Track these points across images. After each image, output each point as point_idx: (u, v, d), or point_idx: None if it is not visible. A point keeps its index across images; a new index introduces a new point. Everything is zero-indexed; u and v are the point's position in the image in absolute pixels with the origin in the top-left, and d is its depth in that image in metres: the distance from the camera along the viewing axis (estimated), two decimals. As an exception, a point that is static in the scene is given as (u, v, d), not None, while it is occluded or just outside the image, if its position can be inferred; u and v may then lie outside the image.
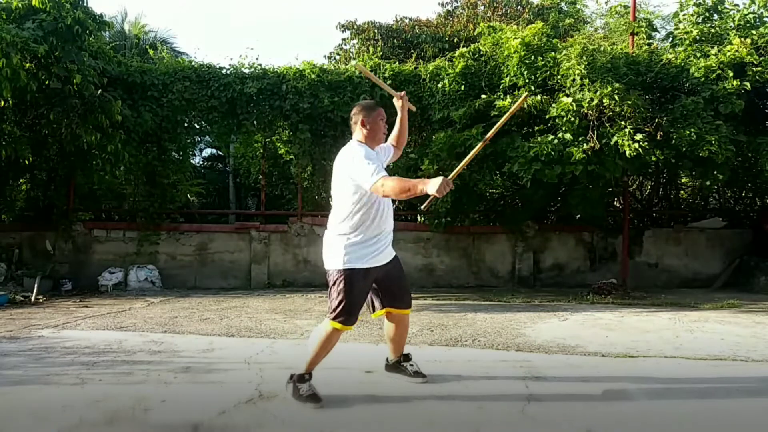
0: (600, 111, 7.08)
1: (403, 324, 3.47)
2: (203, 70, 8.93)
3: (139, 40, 17.00)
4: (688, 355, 4.24)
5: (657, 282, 9.27)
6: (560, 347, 4.50)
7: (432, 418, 2.89)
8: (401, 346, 3.55)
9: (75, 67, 7.36)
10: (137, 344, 4.53)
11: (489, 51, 8.28)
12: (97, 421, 2.77)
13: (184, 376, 3.56)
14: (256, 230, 9.21)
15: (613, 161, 7.11)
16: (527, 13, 13.44)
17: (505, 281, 9.29)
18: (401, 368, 3.52)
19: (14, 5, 7.27)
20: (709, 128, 6.91)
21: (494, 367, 3.86)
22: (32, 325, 5.42)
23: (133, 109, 8.40)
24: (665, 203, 10.94)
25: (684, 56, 7.58)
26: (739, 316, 6.21)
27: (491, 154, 7.58)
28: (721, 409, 3.06)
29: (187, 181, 10.33)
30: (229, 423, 2.77)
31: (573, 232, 9.55)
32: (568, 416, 2.91)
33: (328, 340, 3.14)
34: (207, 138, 13.29)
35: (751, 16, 8.00)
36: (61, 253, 8.83)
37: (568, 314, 6.26)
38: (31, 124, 8.26)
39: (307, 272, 9.17)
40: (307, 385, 3.09)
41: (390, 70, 8.71)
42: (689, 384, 3.55)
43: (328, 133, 8.99)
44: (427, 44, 12.31)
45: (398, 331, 3.47)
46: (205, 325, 5.46)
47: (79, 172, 8.74)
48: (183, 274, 9.07)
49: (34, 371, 3.67)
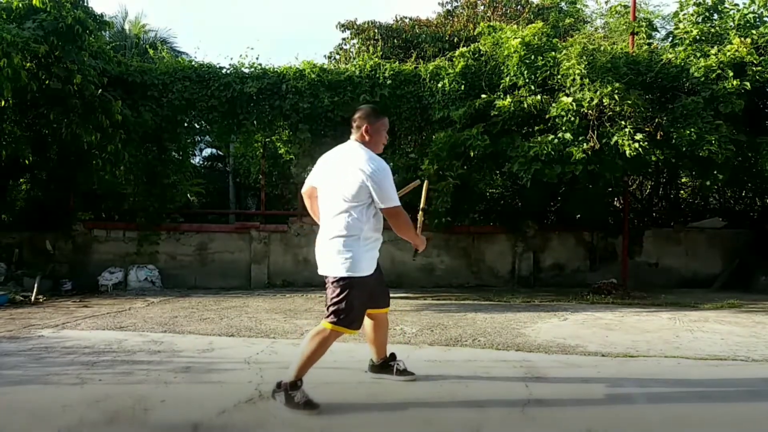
0: (600, 111, 7.08)
1: (385, 323, 3.46)
2: (203, 69, 8.93)
3: (139, 39, 17.01)
4: (688, 355, 4.24)
5: (657, 282, 9.26)
6: (560, 347, 4.50)
7: (432, 417, 2.89)
8: (385, 346, 3.52)
9: (75, 67, 7.36)
10: (137, 344, 4.53)
11: (489, 51, 8.28)
12: (97, 421, 2.77)
13: (184, 376, 3.56)
14: (256, 230, 9.21)
15: (613, 161, 7.11)
16: (527, 12, 13.44)
17: (505, 281, 9.29)
18: (388, 368, 3.49)
19: (15, 5, 7.26)
20: (709, 128, 6.91)
21: (494, 367, 3.85)
22: (32, 324, 5.42)
23: (133, 109, 8.39)
24: (665, 203, 10.94)
25: (684, 56, 7.58)
26: (739, 316, 6.21)
27: (491, 153, 7.58)
28: (721, 409, 3.06)
29: (187, 181, 10.31)
30: (229, 423, 2.77)
31: (573, 232, 9.54)
32: (568, 416, 2.91)
33: (324, 344, 3.05)
34: (207, 138, 13.29)
35: (751, 16, 8.00)
36: (61, 253, 8.83)
37: (568, 314, 6.26)
38: (32, 124, 8.26)
39: (307, 272, 9.17)
40: (300, 392, 2.97)
41: (390, 70, 8.70)
42: (689, 384, 3.54)
43: (328, 133, 8.99)
44: (427, 44, 12.31)
45: (381, 330, 3.45)
46: (205, 324, 5.46)
47: (79, 172, 8.72)
48: (183, 274, 9.07)
49: (34, 371, 3.67)
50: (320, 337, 3.03)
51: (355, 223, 3.05)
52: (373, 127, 3.22)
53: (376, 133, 3.24)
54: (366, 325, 3.38)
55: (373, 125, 3.22)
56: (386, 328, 3.51)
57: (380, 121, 3.26)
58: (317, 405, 2.94)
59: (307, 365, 3.04)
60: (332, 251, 3.08)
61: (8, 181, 9.03)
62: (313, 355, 3.03)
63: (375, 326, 3.43)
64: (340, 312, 3.02)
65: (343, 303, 3.02)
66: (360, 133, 3.24)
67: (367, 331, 3.45)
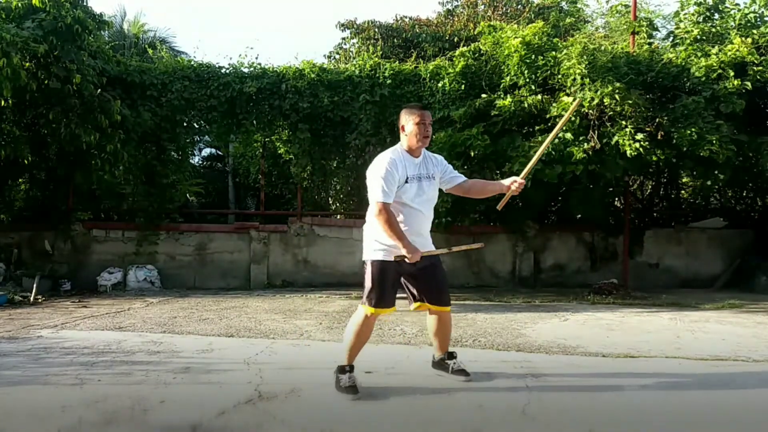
0: (601, 110, 7.06)
1: (442, 321, 3.52)
2: (202, 69, 8.92)
3: (138, 39, 17.00)
4: (689, 355, 4.23)
5: (658, 282, 9.25)
6: (561, 347, 4.49)
7: (432, 417, 2.87)
8: (444, 344, 3.58)
9: (74, 67, 7.35)
10: (136, 344, 4.51)
11: (489, 50, 8.26)
12: (96, 422, 2.76)
13: (183, 377, 3.54)
14: (256, 230, 9.19)
15: (613, 161, 7.09)
16: (528, 12, 13.43)
17: (505, 281, 9.27)
18: (445, 366, 3.55)
19: (14, 5, 7.26)
20: (710, 128, 6.89)
21: (495, 367, 3.84)
22: (31, 325, 5.40)
23: (132, 109, 8.38)
24: (666, 203, 10.92)
25: (685, 56, 7.56)
26: (740, 316, 6.20)
27: (492, 153, 7.57)
28: (722, 410, 3.05)
29: (186, 181, 10.31)
30: (229, 424, 2.75)
31: (573, 232, 9.53)
32: (568, 416, 2.90)
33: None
34: (206, 137, 13.27)
35: (752, 16, 7.98)
36: (60, 253, 8.82)
37: (568, 314, 6.25)
38: (31, 124, 8.25)
39: (306, 272, 9.16)
40: (347, 376, 3.22)
41: (390, 70, 8.69)
42: (690, 384, 3.53)
43: (328, 133, 8.98)
44: (428, 43, 12.30)
45: (437, 327, 3.53)
46: (205, 325, 5.45)
47: (78, 172, 8.72)
48: (182, 274, 9.05)
49: (33, 371, 3.65)
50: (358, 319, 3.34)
51: (369, 216, 3.36)
52: (406, 123, 3.35)
53: (408, 128, 3.34)
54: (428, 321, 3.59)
55: (406, 122, 3.35)
56: (445, 327, 3.55)
57: (413, 115, 3.34)
58: (357, 391, 3.15)
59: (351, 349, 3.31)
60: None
61: (7, 181, 9.01)
62: (354, 337, 3.31)
63: (434, 323, 3.54)
64: (364, 292, 3.33)
65: (366, 282, 3.33)
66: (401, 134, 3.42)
67: (429, 325, 3.60)
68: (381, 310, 3.30)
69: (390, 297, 3.34)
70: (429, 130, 3.36)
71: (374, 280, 3.29)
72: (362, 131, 8.61)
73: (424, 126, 3.32)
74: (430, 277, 3.43)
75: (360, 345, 3.33)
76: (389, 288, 3.33)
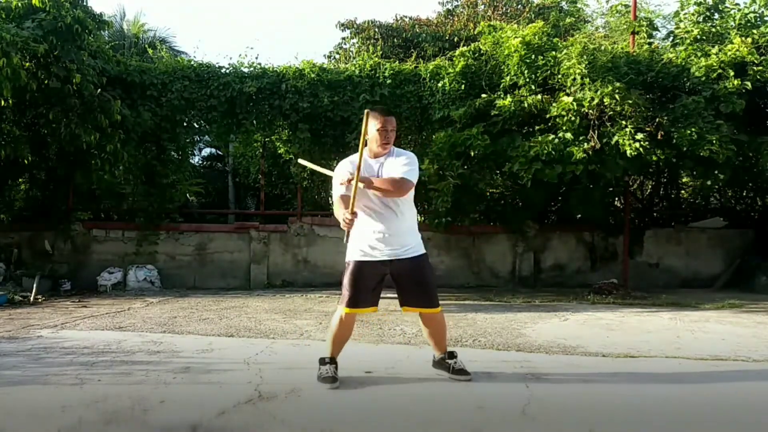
0: (601, 110, 7.06)
1: (431, 323, 3.51)
2: (202, 69, 8.91)
3: (138, 39, 17.00)
4: (689, 355, 4.22)
5: (658, 282, 9.25)
6: (561, 347, 4.49)
7: (432, 417, 2.87)
8: (440, 344, 3.57)
9: (74, 67, 7.34)
10: (136, 344, 4.51)
11: (489, 50, 8.26)
12: (96, 422, 2.75)
13: (183, 377, 3.54)
14: (256, 230, 9.19)
15: (613, 161, 7.09)
16: (528, 12, 13.44)
17: (505, 281, 9.27)
18: (445, 365, 3.54)
19: (14, 4, 7.25)
20: (710, 128, 6.90)
21: (495, 367, 3.83)
22: (31, 325, 5.40)
23: (132, 109, 8.38)
24: (666, 203, 10.92)
25: (685, 55, 7.57)
26: (740, 316, 6.20)
27: (492, 153, 7.56)
28: (722, 410, 3.05)
29: (186, 181, 10.29)
30: (229, 424, 2.75)
31: (573, 232, 9.53)
32: (568, 416, 2.90)
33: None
34: (206, 137, 13.27)
35: (752, 15, 7.99)
36: (60, 253, 8.81)
37: (568, 314, 6.25)
38: (31, 124, 8.24)
39: (306, 272, 9.16)
40: (326, 367, 3.36)
41: (390, 70, 8.69)
42: (690, 384, 3.53)
43: (328, 133, 8.97)
44: (427, 43, 12.30)
45: (429, 328, 3.53)
46: (205, 325, 5.45)
47: (78, 171, 8.71)
48: (182, 274, 9.05)
49: (33, 371, 3.65)
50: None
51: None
52: (368, 126, 3.34)
53: (369, 131, 3.36)
54: (421, 323, 3.60)
55: (367, 124, 3.32)
56: (436, 328, 3.54)
57: (371, 119, 3.34)
58: (335, 380, 3.29)
59: (330, 344, 3.44)
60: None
61: (7, 181, 9.01)
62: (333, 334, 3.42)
63: (425, 325, 3.55)
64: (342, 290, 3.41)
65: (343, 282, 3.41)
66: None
67: (422, 328, 3.62)
68: (356, 311, 3.36)
69: (366, 298, 3.36)
70: (390, 136, 3.35)
71: (349, 280, 3.36)
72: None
73: (386, 132, 3.33)
74: (412, 280, 3.41)
75: (340, 342, 3.44)
76: (365, 289, 3.36)
